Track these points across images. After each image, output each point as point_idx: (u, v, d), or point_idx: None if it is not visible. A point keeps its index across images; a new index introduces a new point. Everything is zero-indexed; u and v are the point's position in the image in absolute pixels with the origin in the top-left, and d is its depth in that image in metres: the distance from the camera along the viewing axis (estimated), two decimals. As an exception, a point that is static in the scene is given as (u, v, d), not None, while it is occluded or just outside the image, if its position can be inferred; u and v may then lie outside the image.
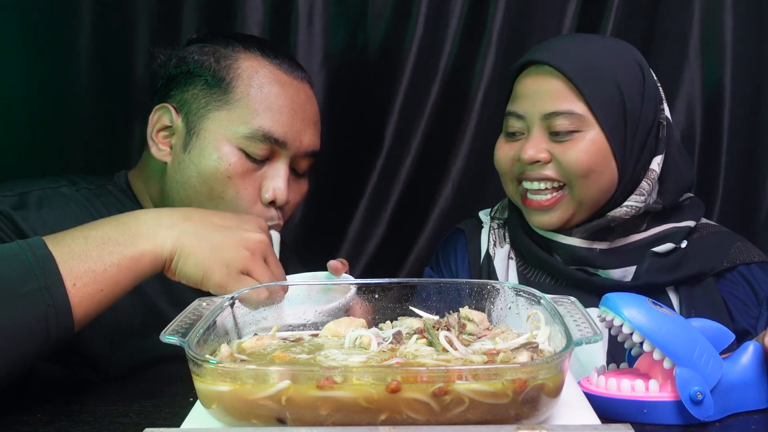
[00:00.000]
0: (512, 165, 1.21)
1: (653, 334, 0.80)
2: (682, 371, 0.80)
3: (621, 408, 0.83)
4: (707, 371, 0.81)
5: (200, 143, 1.12)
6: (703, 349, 0.81)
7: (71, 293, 0.84)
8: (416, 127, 1.68)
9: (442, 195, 1.71)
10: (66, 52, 1.60)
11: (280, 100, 1.14)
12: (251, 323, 0.92)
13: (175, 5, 1.63)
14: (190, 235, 0.91)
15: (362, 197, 1.70)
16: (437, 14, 1.66)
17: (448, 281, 0.98)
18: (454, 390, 0.66)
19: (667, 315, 0.83)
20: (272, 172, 1.14)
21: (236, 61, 1.14)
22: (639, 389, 0.83)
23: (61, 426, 0.82)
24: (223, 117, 1.12)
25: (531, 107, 1.18)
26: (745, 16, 1.64)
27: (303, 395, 0.67)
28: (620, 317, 0.82)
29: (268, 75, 1.14)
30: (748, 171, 1.66)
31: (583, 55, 1.19)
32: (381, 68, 1.69)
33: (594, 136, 1.16)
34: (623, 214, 1.19)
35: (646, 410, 0.82)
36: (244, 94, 1.12)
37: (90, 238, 0.87)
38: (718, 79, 1.65)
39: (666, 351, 0.80)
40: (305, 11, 1.65)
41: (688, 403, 0.79)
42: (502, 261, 1.29)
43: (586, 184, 1.16)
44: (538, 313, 0.85)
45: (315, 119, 1.20)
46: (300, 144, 1.16)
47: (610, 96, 1.17)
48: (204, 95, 1.13)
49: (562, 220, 1.19)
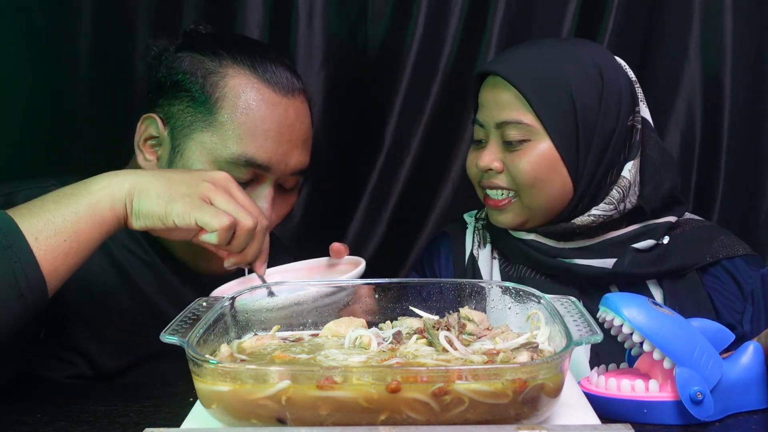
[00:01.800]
0: (477, 172, 1.25)
1: (653, 334, 0.80)
2: (682, 371, 0.80)
3: (621, 408, 0.83)
4: (707, 371, 0.80)
5: (183, 163, 1.09)
6: (703, 349, 0.81)
7: (35, 247, 0.85)
8: (416, 127, 1.69)
9: (442, 195, 1.71)
10: (66, 53, 1.60)
11: (266, 124, 1.09)
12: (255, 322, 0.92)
13: (176, 6, 1.63)
14: (147, 175, 0.93)
15: (362, 197, 1.70)
16: (437, 14, 1.66)
17: (449, 281, 0.98)
18: (454, 390, 0.66)
19: (667, 315, 0.82)
20: (256, 193, 1.11)
21: (224, 78, 1.10)
22: (639, 389, 0.83)
23: (61, 426, 0.82)
24: (206, 139, 1.08)
25: (488, 116, 1.22)
26: (745, 16, 1.64)
27: (303, 395, 0.67)
28: (620, 317, 0.82)
29: (255, 96, 1.10)
30: (748, 171, 1.65)
31: (536, 65, 1.19)
32: (381, 68, 1.69)
33: (543, 146, 1.18)
34: (589, 222, 1.20)
35: (646, 410, 0.82)
36: (230, 117, 1.08)
37: (46, 198, 0.90)
38: (718, 80, 1.65)
39: (666, 351, 0.80)
40: (305, 11, 1.65)
41: (688, 403, 0.79)
42: (485, 261, 1.31)
43: (534, 192, 1.19)
44: (538, 313, 0.85)
45: (304, 137, 1.15)
46: (286, 166, 1.12)
47: (560, 106, 1.17)
48: (189, 113, 1.10)
49: (515, 222, 1.23)
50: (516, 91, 1.17)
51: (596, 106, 1.18)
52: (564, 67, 1.18)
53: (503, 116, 1.18)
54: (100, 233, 0.91)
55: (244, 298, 0.91)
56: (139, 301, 1.13)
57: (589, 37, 1.64)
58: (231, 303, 0.89)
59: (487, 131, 1.22)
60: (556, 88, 1.17)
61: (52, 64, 1.60)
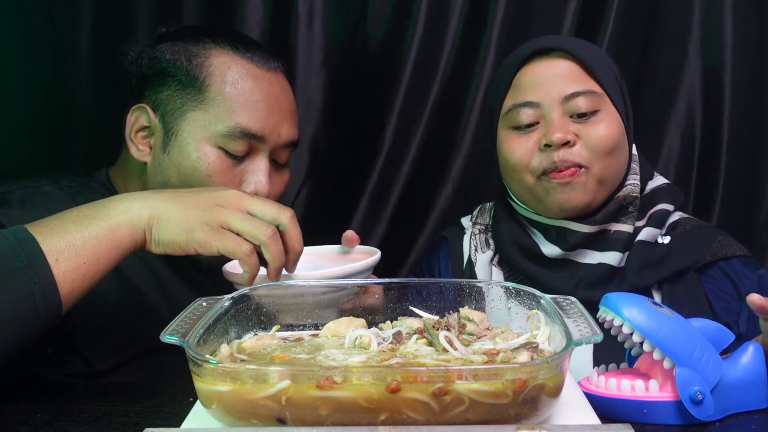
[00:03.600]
0: (531, 157, 1.19)
1: (653, 334, 0.80)
2: (682, 371, 0.80)
3: (621, 408, 0.83)
4: (707, 371, 0.80)
5: (179, 144, 1.12)
6: (703, 349, 0.81)
7: (55, 268, 0.85)
8: (416, 127, 1.68)
9: (442, 195, 1.71)
10: (66, 52, 1.60)
11: (255, 95, 1.14)
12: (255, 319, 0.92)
13: (176, 5, 1.63)
14: (164, 201, 0.93)
15: (362, 197, 1.70)
16: (437, 14, 1.66)
17: (449, 281, 0.98)
18: (454, 390, 0.66)
19: (667, 315, 0.82)
20: (252, 167, 1.15)
21: (208, 58, 1.14)
22: (639, 389, 0.83)
23: (61, 426, 0.82)
24: (199, 117, 1.12)
25: (547, 93, 1.18)
26: (745, 16, 1.64)
27: (303, 395, 0.67)
28: (620, 317, 0.82)
29: (240, 70, 1.14)
30: (748, 171, 1.66)
31: (582, 43, 1.25)
32: (381, 68, 1.69)
33: (612, 114, 1.19)
34: (629, 192, 1.22)
35: (646, 410, 0.82)
36: (219, 93, 1.12)
37: (66, 218, 0.90)
38: (718, 79, 1.65)
39: (666, 351, 0.80)
40: (305, 11, 1.65)
41: (688, 403, 0.79)
42: (483, 266, 1.30)
43: (609, 161, 1.18)
44: (538, 313, 0.85)
45: (291, 109, 1.21)
46: (278, 137, 1.16)
47: (612, 78, 1.21)
48: (179, 96, 1.13)
49: (585, 200, 1.18)
50: (578, 62, 1.18)
51: (623, 85, 1.25)
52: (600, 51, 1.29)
53: (573, 88, 1.17)
54: (117, 256, 0.92)
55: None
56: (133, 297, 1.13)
57: (589, 37, 1.63)
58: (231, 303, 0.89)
59: (543, 110, 1.18)
60: (605, 62, 1.23)
61: (52, 64, 1.59)
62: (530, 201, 1.24)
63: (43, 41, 1.58)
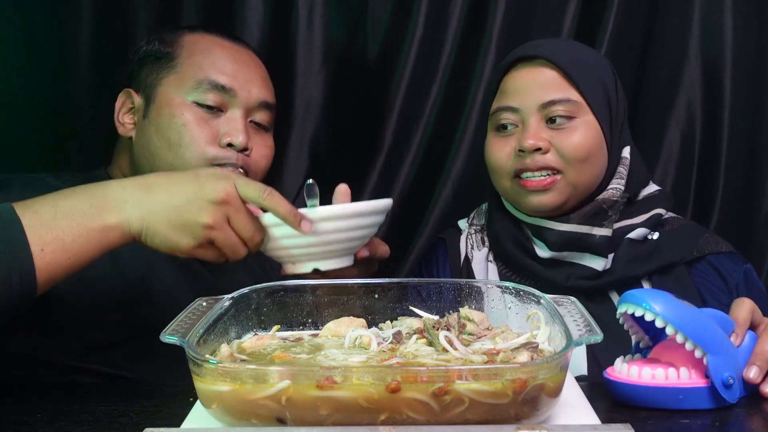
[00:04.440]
0: (508, 160, 1.23)
1: (685, 326, 0.84)
2: (715, 359, 0.84)
3: (654, 395, 0.86)
4: (732, 358, 0.86)
5: (156, 106, 1.20)
6: (723, 338, 0.87)
7: (37, 258, 0.86)
8: (416, 127, 1.68)
9: (442, 195, 1.70)
10: (66, 52, 1.60)
11: (223, 56, 1.22)
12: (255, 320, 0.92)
13: (176, 5, 1.63)
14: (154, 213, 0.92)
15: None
16: (437, 14, 1.66)
17: (449, 281, 0.98)
18: (454, 390, 0.66)
19: (692, 307, 0.87)
20: (227, 120, 1.20)
21: (180, 37, 1.25)
22: (672, 377, 0.86)
23: (61, 426, 0.82)
24: (172, 80, 1.21)
25: (527, 99, 1.21)
26: (745, 16, 1.64)
27: (303, 395, 0.67)
28: (652, 312, 0.85)
29: (210, 41, 1.24)
30: (748, 171, 1.66)
31: (568, 49, 1.27)
32: (381, 68, 1.69)
33: (590, 122, 1.21)
34: (610, 196, 1.23)
35: (682, 396, 0.85)
36: (189, 57, 1.22)
37: (59, 208, 0.89)
38: (718, 79, 1.65)
39: (698, 341, 0.84)
40: (305, 11, 1.65)
41: (721, 388, 0.84)
42: (480, 263, 1.33)
43: (583, 168, 1.20)
44: (538, 313, 0.86)
45: (263, 75, 1.27)
46: (249, 93, 1.22)
47: (596, 85, 1.23)
48: (155, 69, 1.22)
49: (557, 201, 1.21)
50: (559, 71, 1.21)
51: (615, 91, 1.26)
52: (591, 55, 1.28)
53: (550, 95, 1.20)
54: (102, 252, 0.92)
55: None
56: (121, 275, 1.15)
57: (589, 37, 1.64)
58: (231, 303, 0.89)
59: (522, 115, 1.22)
60: (590, 69, 1.23)
61: (52, 64, 1.59)
62: (508, 200, 1.29)
63: (43, 41, 1.58)
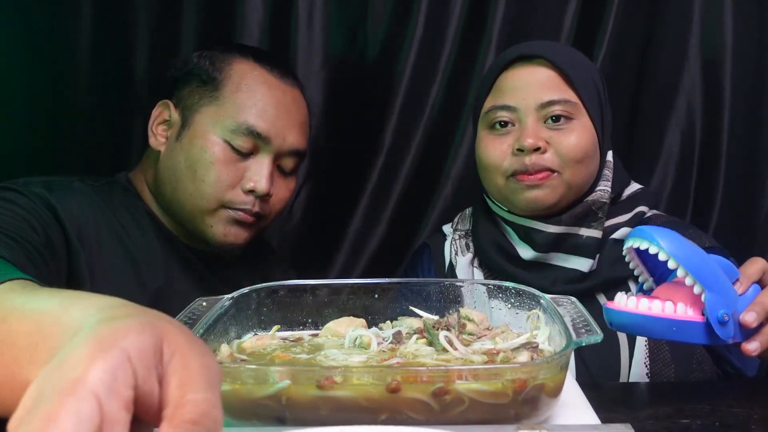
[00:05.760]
0: (504, 158, 1.22)
1: (687, 261, 0.86)
2: (712, 295, 0.86)
3: (651, 325, 0.88)
4: (730, 297, 0.88)
5: (190, 133, 1.20)
6: (724, 279, 0.89)
7: None
8: (416, 127, 1.68)
9: (442, 195, 1.71)
10: (66, 52, 1.60)
11: (266, 98, 1.21)
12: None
13: (176, 5, 1.63)
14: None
15: (362, 197, 1.70)
16: (437, 14, 1.66)
17: (449, 281, 0.98)
18: (454, 390, 0.66)
19: (696, 246, 0.89)
20: (255, 165, 1.20)
21: (230, 63, 1.22)
22: (668, 310, 0.88)
23: (61, 426, 0.81)
24: (212, 111, 1.19)
25: (524, 98, 1.21)
26: (745, 16, 1.64)
27: (303, 395, 0.67)
28: (656, 245, 0.87)
29: (257, 77, 1.22)
30: (748, 171, 1.65)
31: (564, 50, 1.28)
32: (381, 68, 1.69)
33: (585, 124, 1.21)
34: (599, 198, 1.23)
35: (675, 328, 0.87)
36: (233, 91, 1.20)
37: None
38: (718, 80, 1.65)
39: (698, 277, 0.86)
40: (305, 11, 1.65)
41: (715, 323, 0.86)
42: (463, 268, 1.32)
43: (580, 168, 1.20)
44: (538, 313, 0.86)
45: (301, 120, 1.26)
46: (284, 141, 1.21)
47: (592, 88, 1.23)
48: (198, 92, 1.21)
49: (550, 199, 1.21)
50: (557, 71, 1.21)
51: (605, 94, 1.27)
52: (584, 58, 1.29)
53: (549, 95, 1.20)
54: None
55: None
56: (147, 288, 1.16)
57: (589, 38, 1.64)
58: (231, 303, 0.89)
59: (520, 114, 1.21)
60: (586, 72, 1.24)
61: (52, 64, 1.59)
62: (500, 199, 1.27)
63: (43, 41, 1.58)
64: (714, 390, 1.04)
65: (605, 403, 0.87)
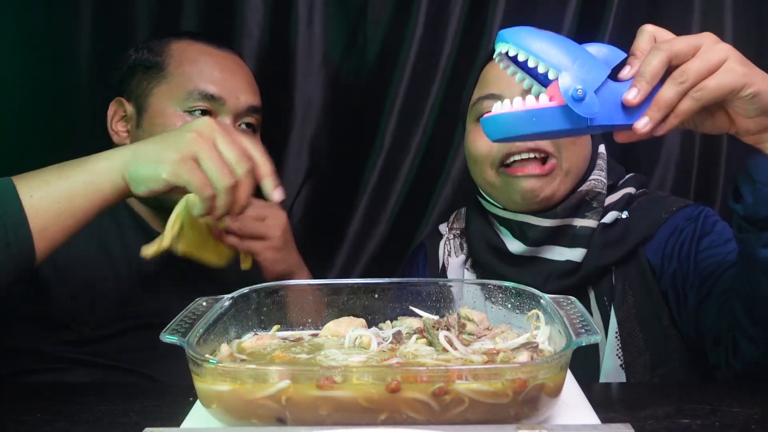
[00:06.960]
0: (492, 147, 1.21)
1: (533, 48, 0.85)
2: (563, 75, 0.83)
3: (516, 121, 0.87)
4: (589, 75, 0.84)
5: (149, 116, 1.24)
6: (585, 60, 0.85)
7: (27, 204, 0.88)
8: (416, 127, 1.68)
9: (442, 195, 1.70)
10: (66, 53, 1.60)
11: (210, 65, 1.26)
12: None
13: (175, 5, 1.63)
14: (143, 143, 0.96)
15: (362, 197, 1.70)
16: (437, 14, 1.66)
17: (448, 281, 0.98)
18: (454, 390, 0.66)
19: (550, 33, 0.88)
20: None
21: (168, 45, 1.28)
22: (530, 102, 0.86)
23: (61, 426, 0.82)
24: (163, 90, 1.24)
25: (508, 86, 1.18)
26: (745, 16, 1.64)
27: (303, 395, 0.67)
28: (504, 42, 0.87)
29: (196, 50, 1.27)
30: (748, 171, 1.65)
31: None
32: (381, 68, 1.69)
33: None
34: (593, 187, 1.22)
35: (535, 118, 0.86)
36: (177, 66, 1.25)
37: (49, 167, 0.94)
38: (718, 79, 1.65)
39: (547, 62, 0.84)
40: (305, 11, 1.65)
41: (570, 101, 0.83)
42: (455, 270, 1.31)
43: (575, 151, 1.20)
44: (538, 312, 0.86)
45: (249, 80, 1.31)
46: (237, 100, 1.25)
47: None
48: (146, 78, 1.26)
49: (552, 190, 1.19)
50: None
51: None
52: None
53: None
54: (94, 201, 0.92)
55: None
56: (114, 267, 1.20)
57: (589, 37, 1.63)
58: (231, 302, 0.89)
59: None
60: None
61: (52, 64, 1.59)
62: (493, 193, 1.25)
63: (43, 41, 1.58)
64: (714, 390, 1.04)
65: (605, 403, 0.87)
